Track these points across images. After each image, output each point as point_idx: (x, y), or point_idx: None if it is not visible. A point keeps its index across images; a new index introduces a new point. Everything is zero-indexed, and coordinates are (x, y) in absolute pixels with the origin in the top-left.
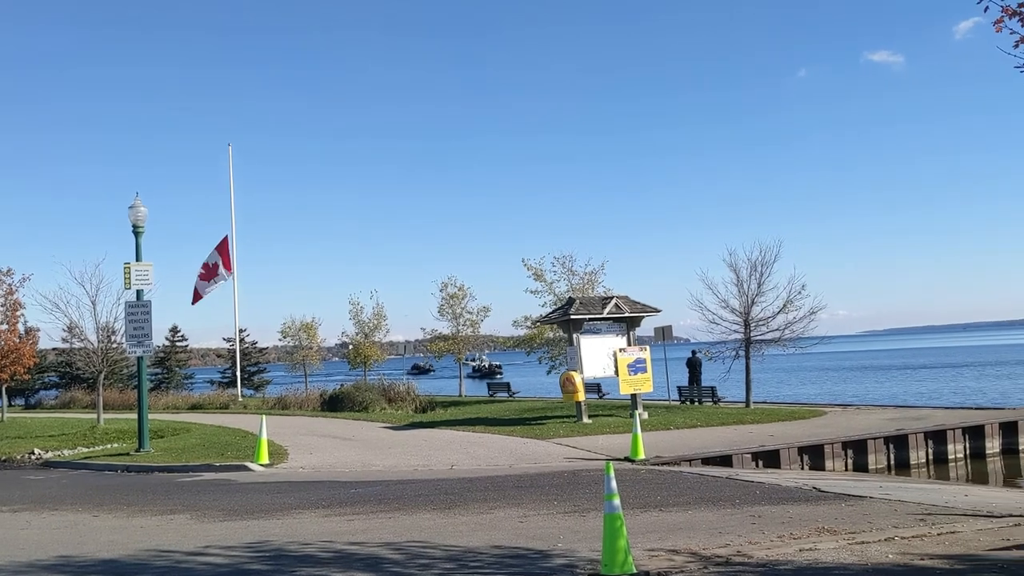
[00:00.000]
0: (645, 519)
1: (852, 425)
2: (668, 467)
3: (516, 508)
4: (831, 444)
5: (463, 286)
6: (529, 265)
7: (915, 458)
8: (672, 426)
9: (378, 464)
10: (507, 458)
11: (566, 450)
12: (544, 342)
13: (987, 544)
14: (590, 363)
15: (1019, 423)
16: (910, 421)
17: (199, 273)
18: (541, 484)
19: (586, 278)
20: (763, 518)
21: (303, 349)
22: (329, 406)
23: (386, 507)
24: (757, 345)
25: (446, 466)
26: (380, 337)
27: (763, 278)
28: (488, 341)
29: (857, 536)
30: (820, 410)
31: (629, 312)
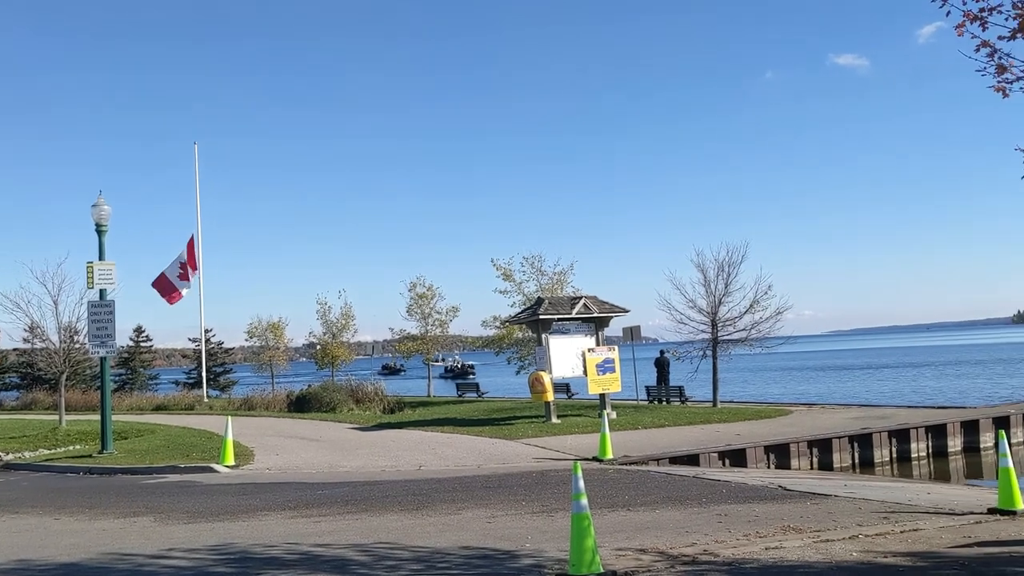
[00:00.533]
0: (613, 518)
1: (817, 424)
2: (636, 466)
3: (484, 508)
4: (797, 443)
5: (432, 286)
6: (498, 265)
7: (879, 456)
8: (640, 426)
9: (345, 465)
10: (475, 458)
11: (535, 450)
12: (513, 342)
13: (949, 542)
14: (559, 363)
15: (980, 422)
16: (874, 420)
17: (178, 273)
18: (509, 484)
19: (555, 278)
20: (729, 517)
21: (270, 349)
22: (296, 407)
23: (353, 508)
24: (724, 345)
25: (414, 467)
26: (348, 337)
27: (730, 278)
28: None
29: (822, 534)
30: (786, 409)
31: (598, 312)
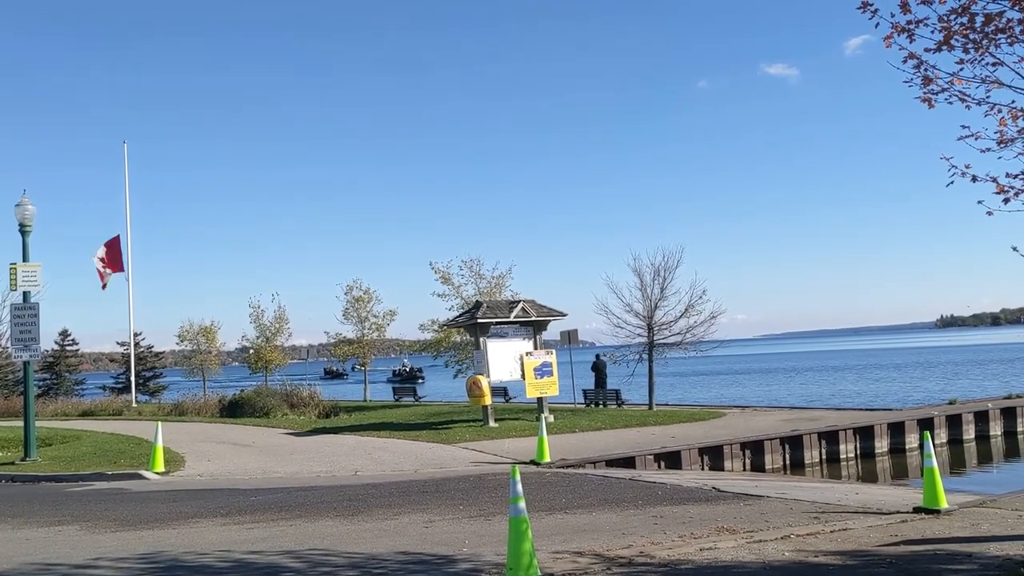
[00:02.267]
0: (550, 521)
1: (750, 426)
2: (573, 469)
3: (421, 513)
4: (730, 445)
5: (369, 289)
6: (437, 268)
7: (809, 458)
8: (577, 429)
9: (280, 471)
10: (412, 463)
11: (472, 454)
12: (451, 346)
13: (877, 540)
14: (497, 367)
15: (905, 423)
16: (804, 422)
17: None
18: (447, 489)
19: (494, 282)
20: (665, 518)
21: (202, 353)
22: (229, 412)
23: (287, 514)
24: (660, 348)
25: (350, 472)
26: (282, 341)
27: (666, 283)
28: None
29: (755, 535)
30: (720, 412)
31: (536, 316)
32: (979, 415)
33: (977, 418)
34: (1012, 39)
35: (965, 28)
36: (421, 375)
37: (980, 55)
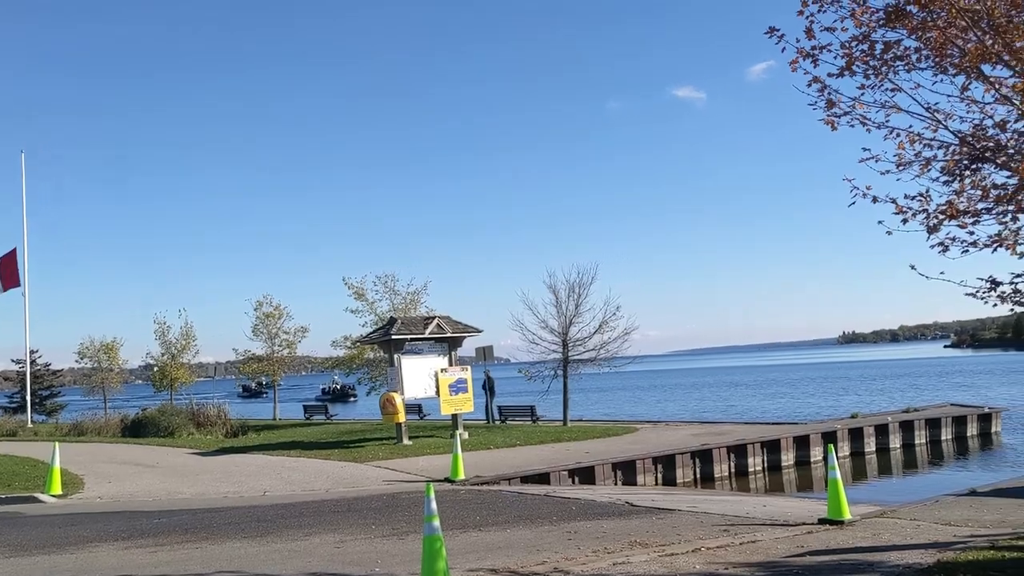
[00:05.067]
0: (465, 539)
1: (662, 441)
2: (488, 486)
3: (333, 533)
4: (643, 459)
5: (279, 305)
6: (350, 284)
7: (719, 471)
8: (492, 445)
9: (185, 492)
10: (324, 482)
11: (386, 472)
12: (364, 363)
13: (784, 551)
14: (411, 384)
15: (810, 437)
16: (714, 436)
17: None
18: (359, 508)
19: (408, 298)
20: (579, 534)
21: (103, 371)
22: (131, 431)
23: (193, 537)
24: (574, 364)
25: (259, 492)
26: (189, 358)
27: (581, 299)
28: (306, 362)
29: (667, 548)
30: (633, 427)
31: (451, 332)
32: (879, 428)
33: (878, 431)
34: (909, 66)
35: (866, 55)
36: (353, 392)
37: (880, 81)
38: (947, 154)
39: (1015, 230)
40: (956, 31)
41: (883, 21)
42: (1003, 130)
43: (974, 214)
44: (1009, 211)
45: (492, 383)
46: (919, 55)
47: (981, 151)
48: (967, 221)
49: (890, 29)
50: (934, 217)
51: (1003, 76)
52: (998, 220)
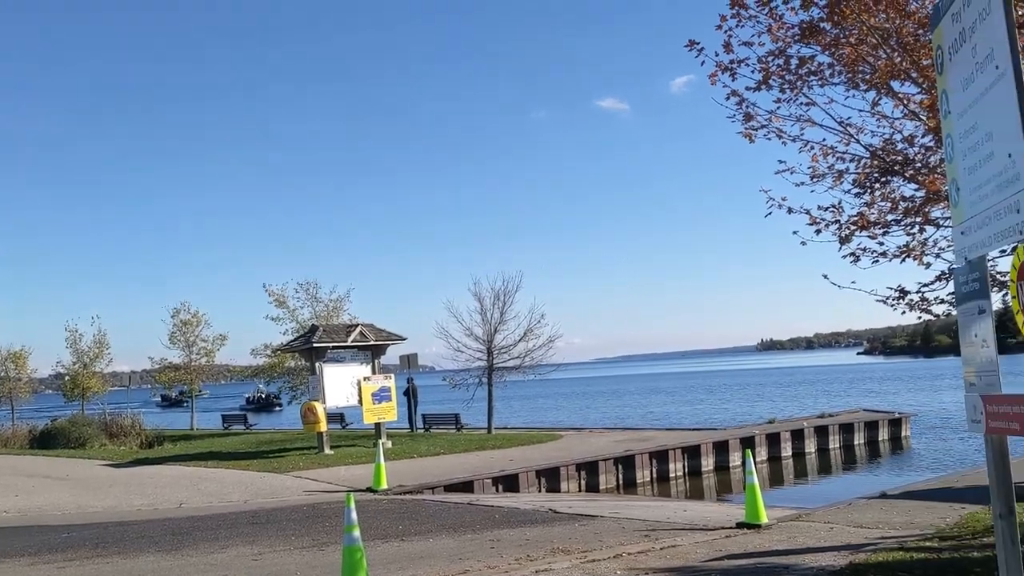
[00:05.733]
0: (386, 549)
1: (585, 448)
2: (411, 496)
3: (250, 546)
4: (566, 466)
5: (198, 312)
6: (271, 291)
7: (641, 477)
8: (416, 454)
9: (96, 505)
10: (242, 493)
11: (306, 483)
12: (285, 371)
13: (703, 556)
14: (333, 392)
15: (729, 442)
16: (636, 442)
17: None
18: (278, 519)
19: (331, 305)
20: (502, 542)
21: (9, 381)
22: (40, 443)
23: (104, 552)
24: (499, 372)
25: (174, 504)
26: (102, 367)
27: (506, 307)
28: (225, 371)
29: (589, 555)
30: (557, 434)
31: (374, 340)
32: (796, 433)
33: (794, 436)
34: (823, 81)
35: (782, 69)
36: (278, 401)
37: (795, 95)
38: (859, 167)
39: (922, 241)
40: (868, 48)
41: (798, 37)
42: (911, 144)
43: (884, 225)
44: (917, 223)
45: (415, 391)
46: (832, 71)
47: (891, 164)
48: (877, 232)
49: (805, 45)
50: (846, 228)
51: (911, 92)
52: (906, 231)
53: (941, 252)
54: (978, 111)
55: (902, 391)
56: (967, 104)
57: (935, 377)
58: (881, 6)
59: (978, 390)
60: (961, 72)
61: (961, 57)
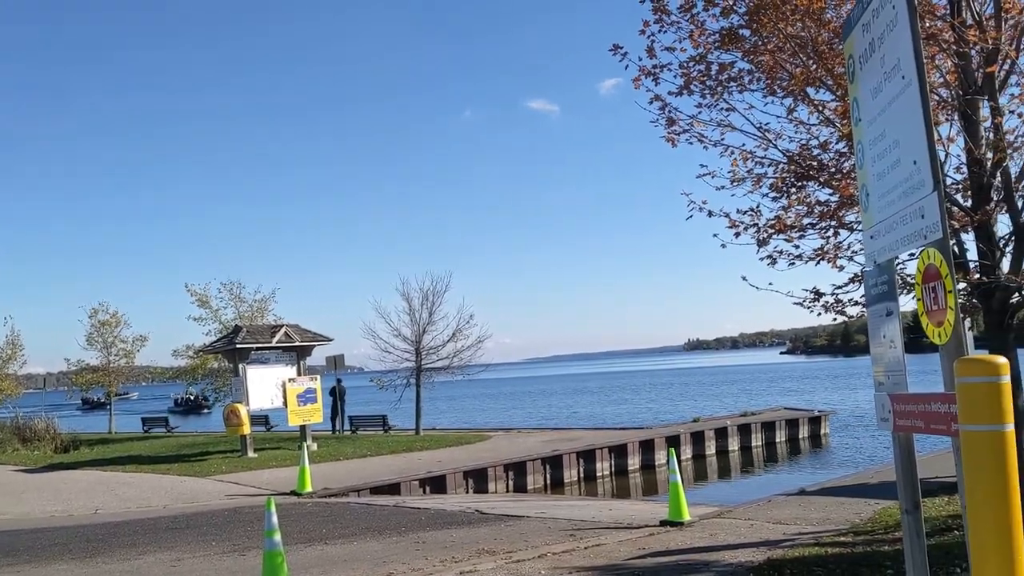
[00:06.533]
0: (309, 553)
1: (513, 448)
2: (336, 499)
3: (169, 552)
4: (494, 467)
5: (116, 313)
6: (193, 291)
7: (568, 476)
8: (342, 456)
9: (8, 512)
10: (161, 498)
11: (228, 487)
12: (208, 373)
13: (626, 554)
14: (257, 394)
15: (655, 441)
16: (564, 442)
17: None
18: (198, 524)
19: (256, 306)
20: (427, 544)
21: None
22: None
23: (14, 560)
24: (428, 373)
25: (89, 510)
26: (15, 369)
27: (434, 307)
28: (145, 373)
29: (514, 555)
30: (486, 435)
31: (300, 341)
32: (719, 432)
33: (718, 434)
34: (742, 87)
35: (703, 75)
36: (207, 404)
37: (715, 101)
38: (777, 172)
39: (837, 244)
40: (785, 56)
41: (718, 43)
42: (825, 150)
43: (800, 229)
44: (832, 226)
45: (343, 392)
46: (751, 77)
47: (806, 170)
48: (793, 235)
49: (725, 51)
50: (764, 231)
51: (826, 99)
52: (820, 235)
53: (854, 255)
54: (886, 119)
55: (820, 390)
56: (876, 112)
57: (852, 376)
58: (798, 16)
59: (886, 389)
60: (871, 81)
61: (871, 66)
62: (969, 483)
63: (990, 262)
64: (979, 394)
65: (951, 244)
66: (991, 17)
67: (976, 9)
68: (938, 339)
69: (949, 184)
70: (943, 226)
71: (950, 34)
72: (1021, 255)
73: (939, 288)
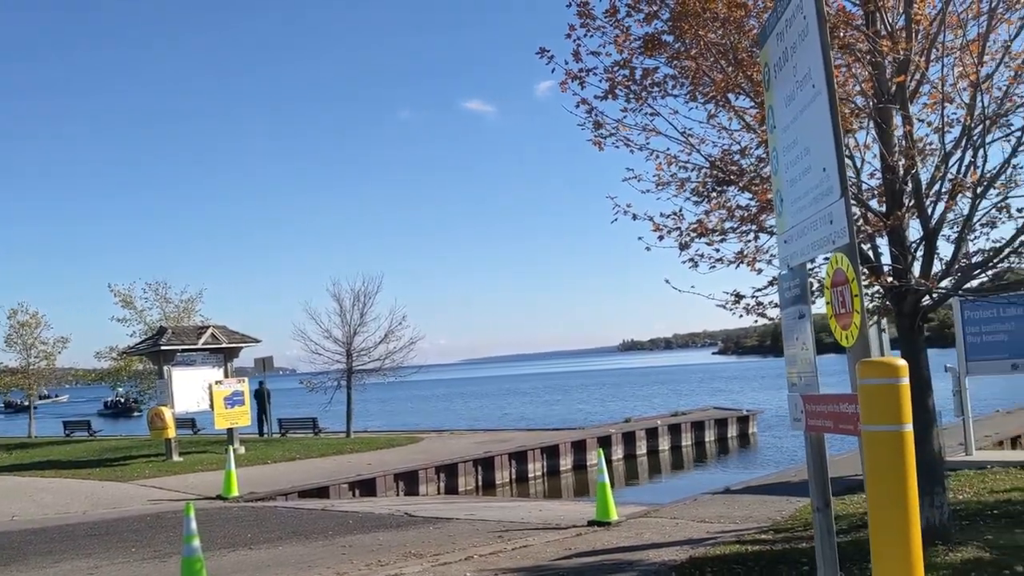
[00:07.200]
0: (233, 558)
1: (446, 450)
2: (263, 503)
3: (87, 559)
4: (425, 469)
5: (36, 313)
6: (117, 291)
7: (500, 478)
8: (270, 460)
9: None
10: (81, 504)
11: (151, 491)
12: (133, 375)
13: (553, 555)
14: (183, 397)
15: (587, 441)
16: (497, 444)
17: None
18: (119, 530)
19: (182, 306)
20: (354, 547)
21: None
22: None
23: None
24: (359, 375)
25: (6, 517)
26: None
27: (366, 308)
28: (68, 375)
29: (440, 557)
30: (418, 437)
31: (227, 343)
32: (650, 432)
33: (648, 434)
34: (664, 93)
35: (627, 80)
36: (138, 407)
37: (640, 105)
38: (700, 176)
39: (757, 248)
40: (708, 62)
41: (642, 49)
42: (745, 156)
43: (722, 232)
44: (752, 230)
45: (268, 395)
46: (675, 82)
47: (727, 175)
48: (715, 239)
49: (648, 56)
50: (687, 235)
51: (746, 106)
52: (741, 239)
53: (773, 259)
54: (798, 126)
55: (749, 390)
56: (789, 119)
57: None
58: (718, 23)
59: (799, 390)
60: (785, 89)
61: (785, 75)
62: (870, 480)
63: (902, 266)
64: (879, 395)
65: (867, 248)
66: (903, 28)
67: (889, 20)
68: (845, 341)
69: (865, 190)
70: (850, 232)
71: (865, 44)
72: (931, 259)
73: (846, 292)
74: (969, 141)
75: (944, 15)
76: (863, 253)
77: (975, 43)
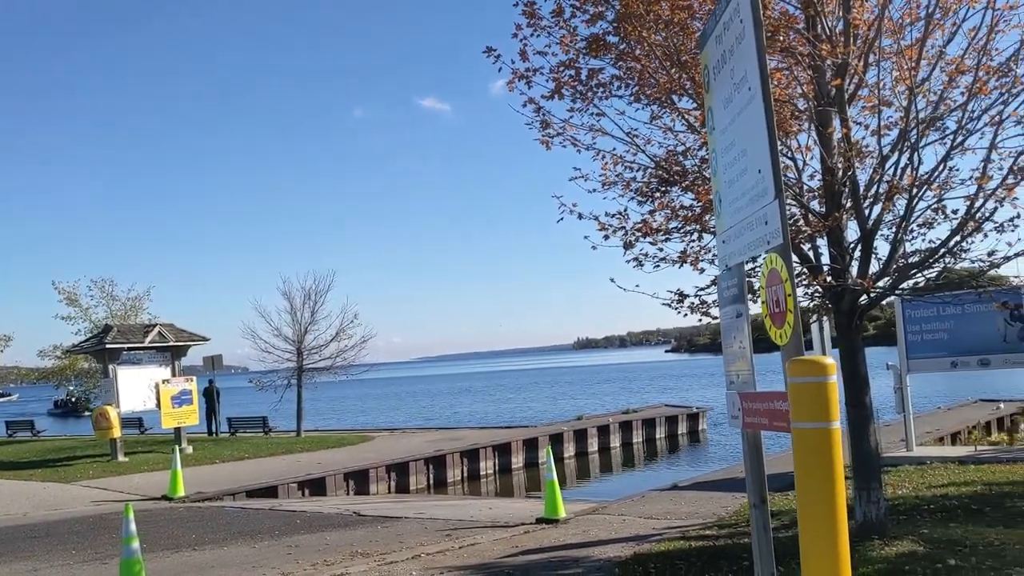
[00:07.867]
0: (176, 560)
1: (397, 448)
2: (210, 503)
3: (26, 561)
4: (376, 468)
5: None
6: (61, 288)
7: (452, 476)
8: (219, 459)
9: None
10: (21, 506)
11: (95, 492)
12: (79, 374)
13: (500, 552)
14: (129, 396)
15: (539, 439)
16: (449, 442)
17: None
18: (60, 532)
19: (129, 304)
20: (300, 547)
21: None
22: None
23: None
24: (310, 373)
25: None
26: None
27: (317, 307)
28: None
29: (387, 556)
30: (369, 436)
31: (174, 341)
32: (602, 429)
33: (600, 432)
34: (609, 94)
35: (573, 80)
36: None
37: (586, 105)
38: (645, 176)
39: (700, 247)
40: (652, 64)
41: (587, 49)
42: (687, 157)
43: (666, 232)
44: (696, 231)
45: (216, 393)
46: (620, 83)
47: (671, 175)
48: (659, 239)
49: (594, 57)
50: (631, 234)
51: (689, 107)
52: (684, 238)
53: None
54: (736, 129)
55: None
56: (727, 121)
57: None
58: (661, 24)
59: (736, 388)
60: (723, 91)
61: (723, 77)
62: (799, 476)
63: (840, 266)
64: (807, 393)
65: (808, 249)
66: (841, 33)
67: (828, 24)
68: (779, 340)
69: (806, 191)
70: (784, 233)
71: (806, 47)
72: (868, 259)
73: (780, 291)
74: (905, 144)
75: (882, 20)
76: (803, 253)
77: (912, 48)
